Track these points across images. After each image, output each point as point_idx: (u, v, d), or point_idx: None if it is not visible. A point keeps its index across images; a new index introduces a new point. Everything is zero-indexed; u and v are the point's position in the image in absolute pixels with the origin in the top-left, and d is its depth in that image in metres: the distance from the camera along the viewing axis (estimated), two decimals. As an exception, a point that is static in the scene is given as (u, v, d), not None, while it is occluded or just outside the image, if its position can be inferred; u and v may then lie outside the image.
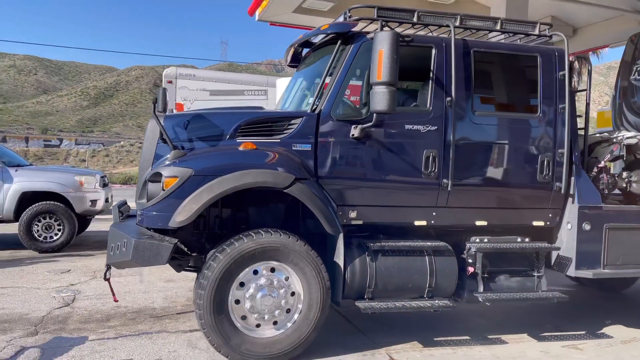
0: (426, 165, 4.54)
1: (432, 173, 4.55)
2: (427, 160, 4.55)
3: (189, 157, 4.25)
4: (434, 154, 4.55)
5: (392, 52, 4.11)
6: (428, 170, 4.54)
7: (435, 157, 4.55)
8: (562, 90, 4.86)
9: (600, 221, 4.87)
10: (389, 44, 4.12)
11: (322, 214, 4.30)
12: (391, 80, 4.10)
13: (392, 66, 4.10)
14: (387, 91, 4.10)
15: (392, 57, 4.10)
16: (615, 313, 6.22)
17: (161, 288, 6.73)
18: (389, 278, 4.55)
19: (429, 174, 4.55)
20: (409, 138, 4.57)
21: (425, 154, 4.55)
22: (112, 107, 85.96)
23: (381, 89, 4.11)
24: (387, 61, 4.09)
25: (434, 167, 4.55)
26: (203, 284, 4.06)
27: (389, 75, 4.10)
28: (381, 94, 4.12)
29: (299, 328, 4.28)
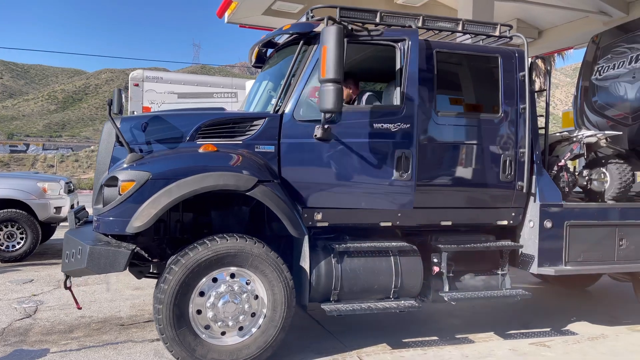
0: (398, 165, 4.47)
1: (405, 173, 4.49)
2: (398, 160, 4.48)
3: (147, 160, 4.14)
4: (398, 154, 4.48)
5: (336, 47, 3.97)
6: (400, 170, 4.47)
7: (399, 157, 4.48)
8: (523, 90, 4.92)
9: (561, 219, 4.94)
10: (333, 39, 3.99)
11: (286, 216, 4.24)
12: (335, 77, 3.97)
13: (336, 62, 3.96)
14: (332, 89, 4.00)
15: (336, 53, 3.97)
16: (581, 310, 6.33)
17: (129, 296, 6.57)
18: (355, 280, 4.52)
19: (401, 174, 4.48)
20: (372, 138, 4.48)
21: (391, 153, 4.48)
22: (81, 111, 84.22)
23: (326, 86, 4.02)
24: (330, 57, 3.98)
25: (406, 167, 4.48)
26: (160, 298, 3.94)
27: (333, 71, 3.97)
28: (326, 92, 4.02)
29: (266, 331, 4.21)
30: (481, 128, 4.84)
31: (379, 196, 4.58)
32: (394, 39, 4.60)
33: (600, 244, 5.09)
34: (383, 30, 4.58)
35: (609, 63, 6.66)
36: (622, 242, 5.13)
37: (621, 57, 6.47)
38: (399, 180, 4.50)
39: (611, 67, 6.59)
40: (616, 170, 5.31)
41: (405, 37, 4.59)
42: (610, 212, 5.19)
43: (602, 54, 6.81)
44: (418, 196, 4.64)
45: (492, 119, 4.88)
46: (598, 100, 6.76)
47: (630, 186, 5.38)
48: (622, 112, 6.35)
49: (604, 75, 6.73)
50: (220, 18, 10.44)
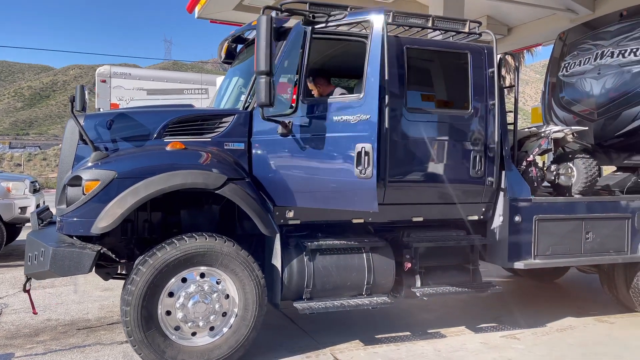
0: (358, 160, 4.10)
1: (366, 169, 4.10)
2: (359, 155, 4.11)
3: (112, 158, 4.03)
4: (358, 148, 4.10)
5: (264, 38, 3.83)
6: (360, 166, 4.09)
7: (359, 152, 4.09)
8: (492, 86, 4.96)
9: (530, 213, 5.02)
10: (261, 30, 3.85)
11: (257, 214, 4.19)
12: (264, 69, 3.84)
13: (265, 54, 3.82)
14: (262, 82, 3.85)
15: (264, 44, 3.83)
16: (550, 302, 6.46)
17: (97, 297, 6.41)
18: (327, 277, 4.50)
19: (361, 170, 4.10)
20: (332, 132, 4.24)
21: (351, 148, 4.15)
22: (49, 108, 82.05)
23: (258, 79, 3.88)
24: (259, 48, 3.84)
25: (366, 162, 4.10)
26: (128, 300, 3.84)
27: (262, 63, 3.83)
28: (257, 85, 3.89)
29: (238, 330, 4.15)
30: (451, 124, 4.86)
31: (342, 194, 4.33)
32: (357, 21, 4.36)
33: (567, 238, 5.19)
34: (347, 13, 4.34)
35: (575, 59, 6.78)
36: (588, 235, 5.25)
37: (587, 53, 6.60)
38: (359, 177, 4.13)
39: (577, 64, 6.72)
40: (582, 165, 5.41)
41: (368, 19, 4.26)
42: (576, 206, 5.30)
43: (568, 50, 6.93)
44: (387, 192, 4.61)
45: (462, 115, 4.91)
46: (565, 96, 6.89)
47: (595, 180, 5.49)
48: (588, 107, 6.48)
49: (570, 72, 6.85)
50: (190, 13, 10.27)
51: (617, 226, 5.40)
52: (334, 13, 4.31)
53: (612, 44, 6.26)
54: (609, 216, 5.37)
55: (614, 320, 5.69)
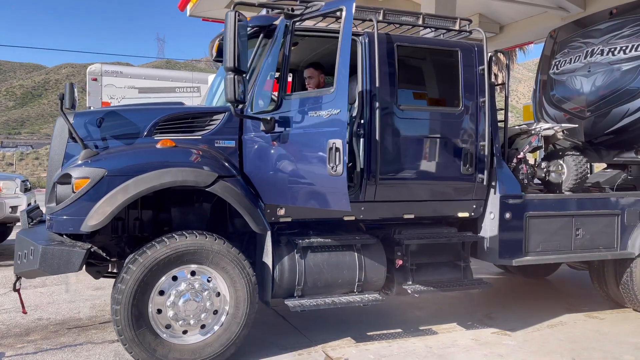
0: (330, 157, 3.92)
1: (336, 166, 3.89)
2: (330, 152, 3.93)
3: (102, 156, 4.02)
4: (330, 144, 3.93)
5: (230, 34, 3.80)
6: (332, 163, 3.91)
7: (330, 148, 3.93)
8: (482, 84, 4.98)
9: (520, 210, 5.04)
10: (228, 26, 3.81)
11: (247, 212, 4.19)
12: (230, 66, 3.80)
13: (231, 50, 3.78)
14: (229, 78, 3.82)
15: (230, 39, 3.78)
16: (541, 299, 6.50)
17: (89, 296, 6.39)
18: (319, 275, 4.51)
19: (332, 167, 3.91)
20: (307, 128, 4.17)
21: (323, 144, 3.99)
22: (41, 107, 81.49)
23: (226, 76, 3.86)
24: (226, 45, 3.81)
25: (337, 159, 3.89)
26: (118, 299, 3.83)
27: (229, 59, 3.80)
28: (224, 82, 3.87)
29: (229, 328, 4.15)
30: (442, 121, 4.88)
31: (317, 193, 4.22)
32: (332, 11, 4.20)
33: (558, 234, 5.22)
34: (322, 4, 4.24)
35: (565, 57, 6.82)
36: (578, 231, 5.28)
37: (577, 51, 6.64)
38: (331, 175, 3.94)
39: (568, 62, 6.76)
40: (572, 162, 5.44)
41: (340, 7, 4.06)
42: (567, 203, 5.33)
43: (559, 48, 6.97)
44: (377, 190, 4.61)
45: (453, 112, 4.92)
46: (556, 93, 6.93)
47: (586, 177, 5.53)
48: (579, 105, 6.53)
49: (561, 70, 6.89)
50: (182, 11, 10.25)
51: (607, 223, 5.44)
52: (310, 4, 4.27)
53: (602, 42, 6.31)
54: (599, 213, 5.41)
55: (604, 316, 5.74)
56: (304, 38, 4.69)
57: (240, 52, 3.82)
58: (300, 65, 5.67)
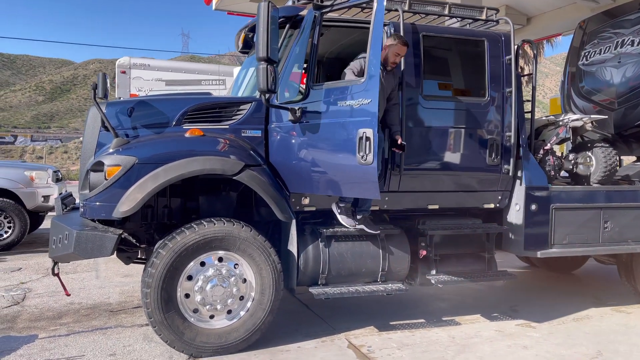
0: (360, 146, 3.95)
1: (367, 155, 3.92)
2: (360, 141, 3.95)
3: (133, 144, 4.12)
4: (360, 134, 3.95)
5: (263, 24, 3.86)
6: (362, 152, 3.94)
7: (360, 137, 3.94)
8: (509, 74, 4.94)
9: (546, 202, 4.99)
10: (261, 16, 3.87)
11: (274, 200, 4.25)
12: (263, 56, 3.85)
13: (264, 40, 3.84)
14: (261, 68, 3.87)
15: (263, 30, 3.85)
16: (566, 292, 6.42)
17: (118, 283, 6.57)
18: (342, 263, 4.55)
19: (363, 156, 3.94)
20: (336, 117, 4.17)
21: (353, 134, 4.01)
22: (69, 102, 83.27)
23: (258, 66, 3.91)
24: (259, 35, 3.87)
25: (367, 148, 3.91)
26: (148, 282, 3.94)
27: (262, 49, 3.85)
28: (257, 72, 3.92)
29: (254, 314, 4.23)
30: (467, 111, 4.86)
31: (346, 181, 4.25)
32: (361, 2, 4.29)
33: (585, 227, 5.15)
34: None
35: (595, 48, 6.70)
36: (606, 224, 5.20)
37: (607, 42, 6.51)
38: (361, 164, 3.97)
39: (597, 52, 6.63)
40: (602, 154, 5.36)
41: None
42: (595, 195, 5.26)
43: (588, 39, 6.84)
44: (402, 180, 4.63)
45: (479, 102, 4.90)
46: (585, 85, 6.81)
47: (615, 170, 5.44)
48: (608, 97, 6.41)
49: (590, 61, 6.77)
50: (207, 5, 10.34)
51: (637, 216, 5.34)
52: None
53: (633, 33, 6.17)
54: (628, 205, 5.32)
55: (631, 311, 5.65)
56: (329, 28, 4.71)
57: (272, 42, 3.88)
58: (324, 57, 5.70)
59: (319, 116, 4.25)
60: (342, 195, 4.37)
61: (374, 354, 4.28)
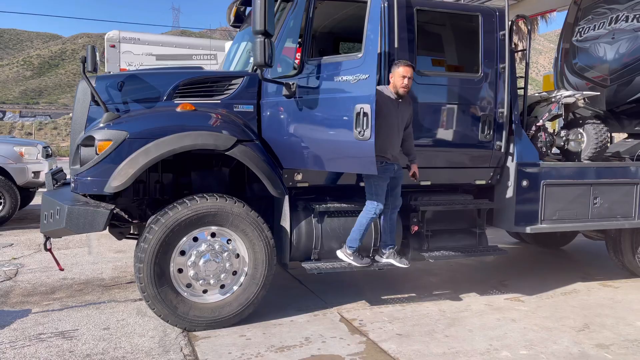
0: (357, 122, 3.94)
1: (364, 131, 3.91)
2: (357, 116, 3.94)
3: (124, 119, 4.09)
4: (357, 109, 3.93)
5: None
6: (359, 128, 3.93)
7: (358, 113, 3.92)
8: (503, 50, 4.91)
9: (537, 178, 5.03)
10: None
11: (266, 176, 4.25)
12: (260, 29, 3.81)
13: (261, 13, 3.80)
14: (258, 41, 3.82)
15: (260, 2, 3.80)
16: (556, 268, 6.52)
17: (111, 259, 6.58)
18: (335, 239, 4.58)
19: (360, 132, 3.93)
20: (333, 92, 4.15)
21: (350, 109, 3.99)
22: (58, 77, 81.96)
23: (255, 39, 3.87)
24: (255, 8, 3.83)
25: (365, 124, 3.90)
26: (141, 257, 3.96)
27: (259, 22, 3.81)
28: (254, 45, 3.87)
29: (247, 288, 4.27)
30: (460, 87, 4.84)
31: (342, 157, 4.26)
32: None
33: (575, 203, 5.20)
34: None
35: (589, 24, 6.66)
36: (596, 200, 5.26)
37: (601, 17, 6.48)
38: (358, 139, 3.96)
39: (591, 28, 6.60)
40: (593, 131, 5.38)
41: None
42: (585, 172, 5.29)
43: (583, 15, 6.79)
44: None
45: (472, 78, 4.88)
46: (578, 62, 6.79)
47: (606, 146, 5.47)
48: (601, 73, 6.40)
49: (584, 37, 6.74)
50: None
51: (626, 192, 5.40)
52: None
53: (627, 8, 6.14)
54: (617, 182, 5.37)
55: (618, 285, 5.76)
56: (324, 2, 4.65)
57: (269, 15, 3.83)
58: (318, 31, 5.63)
59: (314, 91, 4.22)
60: (339, 170, 4.38)
61: (365, 327, 4.35)
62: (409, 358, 3.78)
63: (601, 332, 4.35)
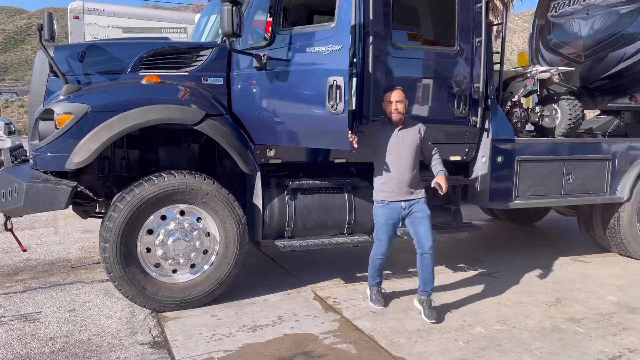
0: (330, 95, 3.78)
1: (337, 104, 3.77)
2: (330, 89, 3.79)
3: (85, 91, 3.88)
4: (330, 82, 3.77)
5: None
6: (332, 101, 3.78)
7: (331, 85, 3.77)
8: (479, 23, 4.80)
9: (512, 154, 5.00)
10: None
11: (237, 152, 4.11)
12: None
13: None
14: (225, 9, 3.67)
15: None
16: (529, 244, 6.59)
17: (78, 239, 6.38)
18: (309, 216, 4.49)
19: (333, 105, 3.79)
20: (305, 64, 3.98)
21: (323, 82, 3.83)
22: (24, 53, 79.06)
23: (222, 7, 3.71)
24: None
25: (338, 97, 3.76)
26: (106, 237, 3.80)
27: None
28: (221, 14, 3.72)
29: (219, 267, 4.16)
30: (436, 62, 4.73)
31: (315, 132, 4.12)
32: None
33: (548, 179, 5.21)
34: None
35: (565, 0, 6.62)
36: (569, 176, 5.27)
37: (577, -8, 6.43)
38: (331, 113, 3.81)
39: (567, 4, 6.56)
40: (567, 107, 5.36)
41: None
42: (559, 148, 5.30)
43: (558, -10, 6.74)
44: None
45: (448, 52, 4.77)
46: (553, 38, 6.76)
47: (580, 122, 5.47)
48: (576, 49, 6.38)
49: (559, 12, 6.70)
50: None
51: (598, 168, 5.44)
52: None
53: (603, -17, 6.10)
54: (590, 158, 5.40)
55: (589, 260, 5.84)
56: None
57: None
58: (290, 3, 5.44)
59: (285, 63, 4.06)
60: (312, 146, 4.24)
61: (340, 305, 4.30)
62: (384, 335, 3.75)
63: (573, 307, 4.39)
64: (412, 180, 4.06)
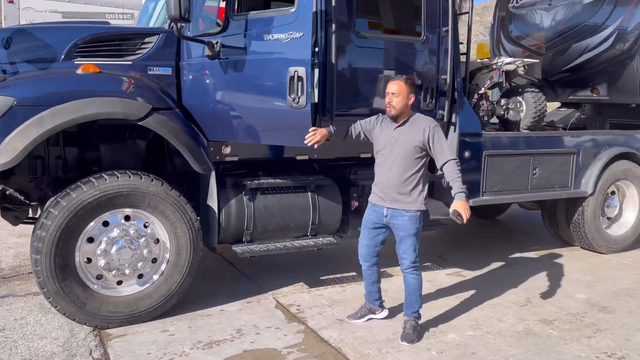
0: (291, 87, 3.52)
1: (299, 98, 3.52)
2: (291, 81, 3.53)
3: (10, 82, 3.44)
4: (291, 73, 3.51)
5: None
6: (293, 94, 3.52)
7: (292, 77, 3.51)
8: (446, 12, 4.57)
9: (479, 148, 4.82)
10: None
11: (188, 149, 3.74)
12: None
13: None
14: None
15: None
16: (493, 240, 6.50)
17: (12, 244, 5.80)
18: (269, 218, 4.17)
19: (294, 99, 3.54)
20: (262, 53, 3.70)
21: (283, 73, 3.57)
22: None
23: None
24: None
25: (300, 90, 3.51)
26: (38, 247, 3.36)
27: None
28: None
29: (170, 277, 3.79)
30: (403, 52, 4.47)
31: (276, 127, 3.87)
32: None
33: (515, 174, 5.06)
34: None
35: (527, -10, 6.53)
36: (535, 171, 5.15)
37: (539, -17, 6.35)
38: (292, 107, 3.56)
39: (529, -5, 6.47)
40: (532, 99, 5.24)
41: None
42: (526, 142, 5.17)
43: (520, -21, 6.64)
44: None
45: (414, 42, 4.53)
46: (514, 30, 6.67)
47: (544, 115, 5.37)
48: (537, 41, 6.31)
49: (520, 3, 6.61)
50: None
51: (563, 162, 5.34)
52: None
53: (565, -26, 6.03)
54: (556, 152, 5.30)
55: (554, 255, 5.77)
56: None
57: None
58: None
59: (241, 52, 3.71)
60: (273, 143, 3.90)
61: (304, 314, 4.01)
62: (352, 347, 3.49)
63: (544, 307, 4.27)
64: (402, 186, 3.55)
